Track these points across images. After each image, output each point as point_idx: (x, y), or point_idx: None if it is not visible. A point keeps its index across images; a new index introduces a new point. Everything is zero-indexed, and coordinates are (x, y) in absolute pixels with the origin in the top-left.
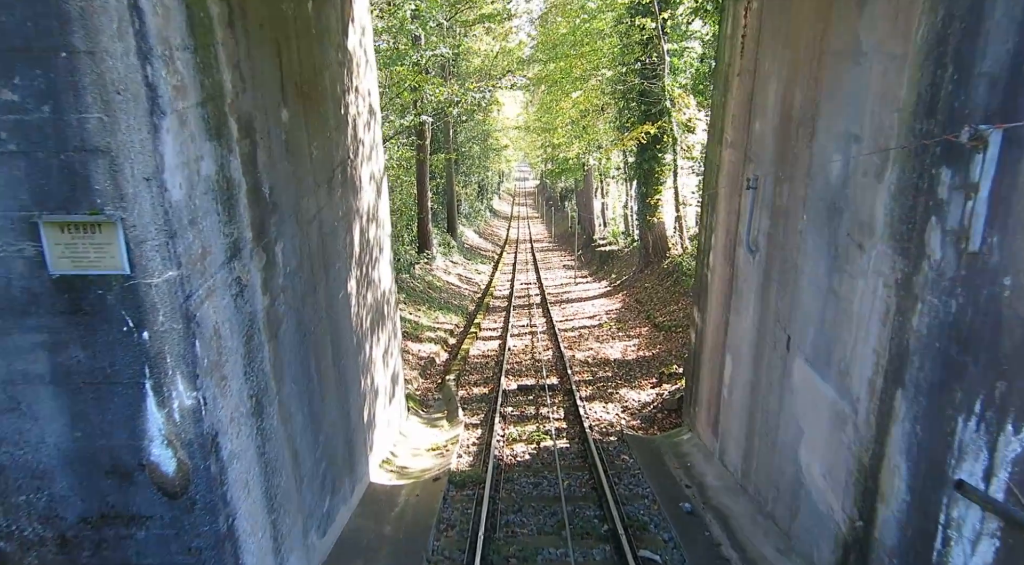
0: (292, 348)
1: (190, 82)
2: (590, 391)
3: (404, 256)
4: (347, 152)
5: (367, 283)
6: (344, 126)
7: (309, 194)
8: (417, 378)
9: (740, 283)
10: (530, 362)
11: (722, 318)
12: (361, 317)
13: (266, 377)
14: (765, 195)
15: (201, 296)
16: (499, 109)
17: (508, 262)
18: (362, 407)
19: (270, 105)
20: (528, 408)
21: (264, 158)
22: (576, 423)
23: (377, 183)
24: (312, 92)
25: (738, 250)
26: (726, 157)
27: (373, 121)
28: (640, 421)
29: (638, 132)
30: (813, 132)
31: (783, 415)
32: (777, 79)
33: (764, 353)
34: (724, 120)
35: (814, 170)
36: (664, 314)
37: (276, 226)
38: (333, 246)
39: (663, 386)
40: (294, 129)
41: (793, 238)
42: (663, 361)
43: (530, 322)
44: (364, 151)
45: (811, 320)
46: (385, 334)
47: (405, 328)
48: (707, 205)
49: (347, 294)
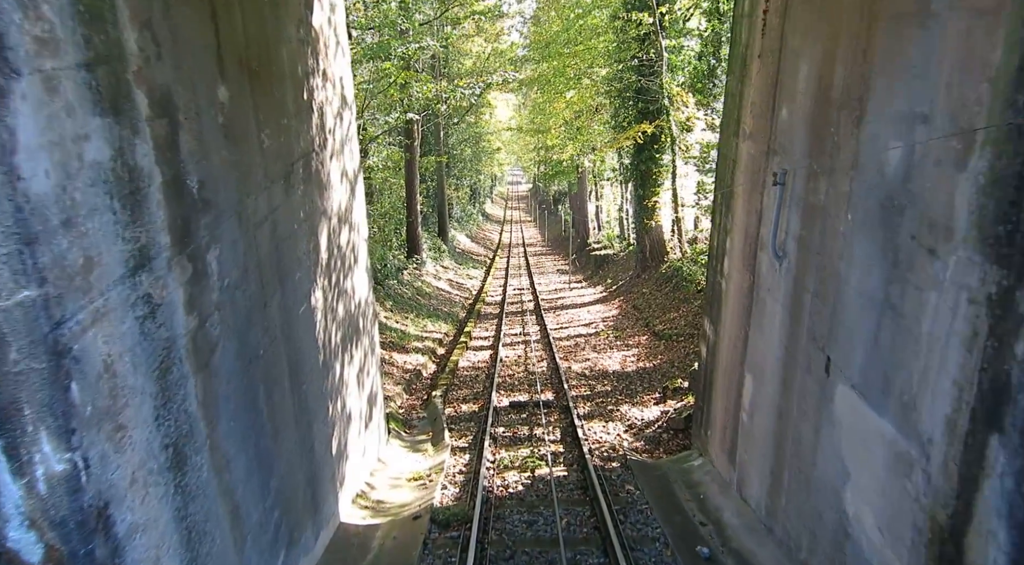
0: (232, 378)
1: (66, 35)
2: (588, 408)
3: (392, 261)
4: (312, 144)
5: (337, 294)
6: (308, 114)
7: (258, 191)
8: (401, 394)
9: (762, 293)
10: (523, 375)
11: (740, 332)
12: (329, 334)
13: (191, 419)
14: (795, 192)
15: (82, 322)
16: (491, 112)
17: (501, 266)
18: (330, 437)
19: (201, 80)
20: (521, 428)
21: (191, 144)
22: (574, 446)
23: (351, 181)
24: (264, 71)
25: (760, 255)
26: (744, 150)
27: (346, 111)
28: (644, 443)
29: (634, 131)
30: (861, 115)
31: (821, 450)
32: (810, 57)
33: (795, 375)
34: (741, 109)
35: (863, 160)
36: (664, 322)
37: (209, 229)
38: (292, 252)
39: (668, 402)
40: (237, 112)
41: (833, 242)
42: (666, 373)
43: (523, 330)
44: (334, 144)
45: (860, 340)
46: (361, 351)
47: (391, 338)
48: (720, 205)
49: (311, 308)
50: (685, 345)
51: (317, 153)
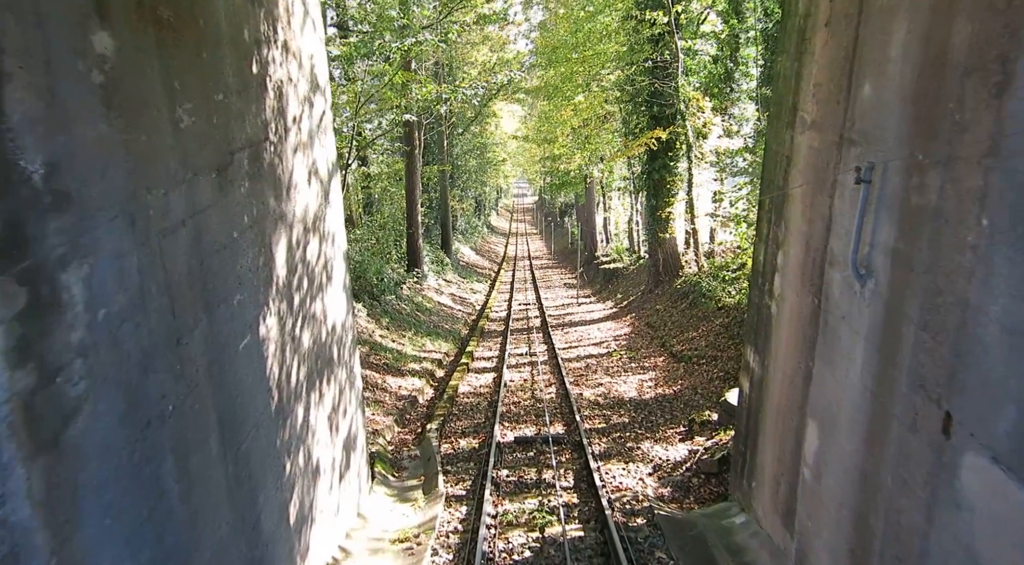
0: (111, 454)
1: None
2: (605, 444)
3: (390, 275)
4: (264, 131)
5: (302, 320)
6: (259, 93)
7: (170, 185)
8: (392, 427)
9: (833, 320)
10: (530, 402)
11: (798, 367)
12: (288, 371)
13: (15, 531)
14: (887, 191)
15: None
16: (497, 123)
17: (506, 280)
18: (287, 503)
19: (58, 15)
20: (528, 471)
21: (31, 107)
22: (590, 495)
23: (323, 182)
24: (184, 25)
25: (829, 273)
26: (803, 144)
27: (318, 98)
28: (672, 489)
29: (647, 137)
30: (1005, 82)
31: (937, 540)
32: (911, 13)
33: (888, 431)
34: (798, 94)
35: (1008, 144)
36: (682, 342)
37: (69, 235)
38: (228, 269)
39: (695, 439)
40: (131, 72)
41: (955, 256)
42: (689, 402)
43: (529, 350)
44: (299, 135)
45: (1007, 394)
46: (335, 387)
47: (385, 359)
48: (768, 212)
49: (259, 341)
50: (707, 369)
51: (273, 143)
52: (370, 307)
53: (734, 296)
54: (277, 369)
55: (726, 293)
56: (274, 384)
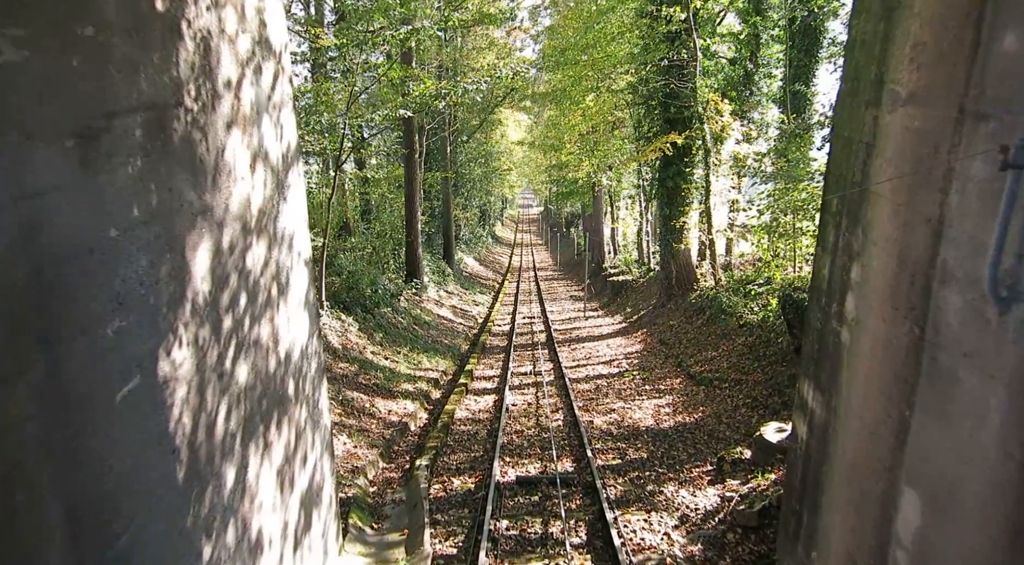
0: None
1: None
2: (621, 487)
3: (386, 286)
4: (175, 92)
5: (236, 349)
6: (166, 38)
7: None
8: (376, 462)
9: (948, 359)
10: (534, 432)
11: (886, 415)
12: (211, 420)
13: None
14: None
15: None
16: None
17: (510, 291)
18: None
19: None
20: (532, 523)
21: None
22: (607, 558)
23: (276, 171)
24: None
25: (941, 294)
26: (895, 124)
27: (268, 61)
28: (703, 546)
29: (662, 142)
30: None
31: None
32: None
33: None
34: (886, 61)
35: None
36: (700, 362)
37: None
38: (99, 282)
39: (727, 482)
40: None
41: None
42: (713, 433)
43: (534, 368)
44: (238, 106)
45: None
46: (288, 432)
47: (375, 379)
48: (837, 214)
49: (155, 384)
50: (732, 394)
51: (190, 111)
52: (362, 321)
53: (758, 313)
54: (189, 420)
55: (749, 309)
56: (183, 442)
